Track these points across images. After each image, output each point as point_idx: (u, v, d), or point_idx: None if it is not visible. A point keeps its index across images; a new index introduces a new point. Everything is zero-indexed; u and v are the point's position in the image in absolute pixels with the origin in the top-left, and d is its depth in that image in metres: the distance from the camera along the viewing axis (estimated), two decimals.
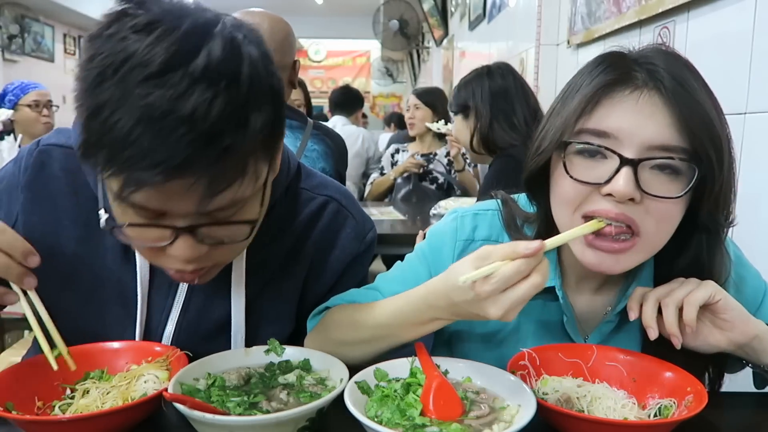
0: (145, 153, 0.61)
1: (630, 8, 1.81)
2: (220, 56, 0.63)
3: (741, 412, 0.83)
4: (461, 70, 5.05)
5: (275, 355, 0.83)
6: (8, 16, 8.08)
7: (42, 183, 0.88)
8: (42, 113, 3.25)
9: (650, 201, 0.74)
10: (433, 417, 0.69)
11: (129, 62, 0.61)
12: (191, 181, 0.63)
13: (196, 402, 0.66)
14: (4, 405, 0.68)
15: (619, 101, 0.75)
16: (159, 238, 0.71)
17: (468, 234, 0.93)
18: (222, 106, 0.62)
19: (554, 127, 0.80)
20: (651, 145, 0.73)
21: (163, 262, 0.75)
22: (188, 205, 0.67)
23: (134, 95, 0.60)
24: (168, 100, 0.61)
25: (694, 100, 0.73)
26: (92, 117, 0.62)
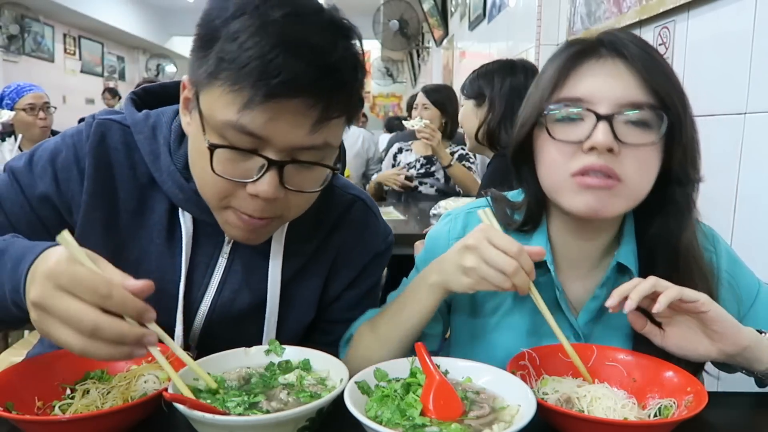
0: (280, 70, 0.70)
1: (630, 8, 1.81)
2: (339, 17, 0.79)
3: (741, 412, 0.83)
4: (461, 70, 5.06)
5: (275, 355, 0.83)
6: (8, 16, 8.08)
7: (103, 151, 0.90)
8: (38, 116, 3.25)
9: (628, 150, 0.81)
10: (433, 417, 0.69)
11: (270, 2, 0.73)
12: (311, 102, 0.73)
13: (195, 402, 0.66)
14: (4, 405, 0.68)
15: (587, 69, 0.84)
16: (247, 172, 0.77)
17: (459, 232, 0.99)
18: (342, 49, 0.76)
19: (533, 102, 0.89)
20: (621, 103, 0.81)
21: (238, 203, 0.80)
22: (297, 132, 0.74)
23: (273, 25, 0.71)
24: (303, 32, 0.73)
25: (655, 61, 0.83)
26: (230, 41, 0.71)
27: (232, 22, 0.72)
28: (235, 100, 0.72)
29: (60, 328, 0.61)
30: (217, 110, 0.74)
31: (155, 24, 11.93)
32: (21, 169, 0.89)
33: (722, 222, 1.36)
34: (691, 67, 1.51)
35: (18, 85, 3.35)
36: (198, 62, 0.77)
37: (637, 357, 0.83)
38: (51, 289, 0.61)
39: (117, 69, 11.98)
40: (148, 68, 12.28)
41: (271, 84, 0.70)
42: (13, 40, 8.21)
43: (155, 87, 1.00)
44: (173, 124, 0.92)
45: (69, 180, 0.89)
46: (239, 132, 0.73)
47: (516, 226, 0.95)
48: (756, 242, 1.28)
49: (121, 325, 0.62)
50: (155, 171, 0.90)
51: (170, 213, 0.92)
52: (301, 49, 0.71)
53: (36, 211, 0.88)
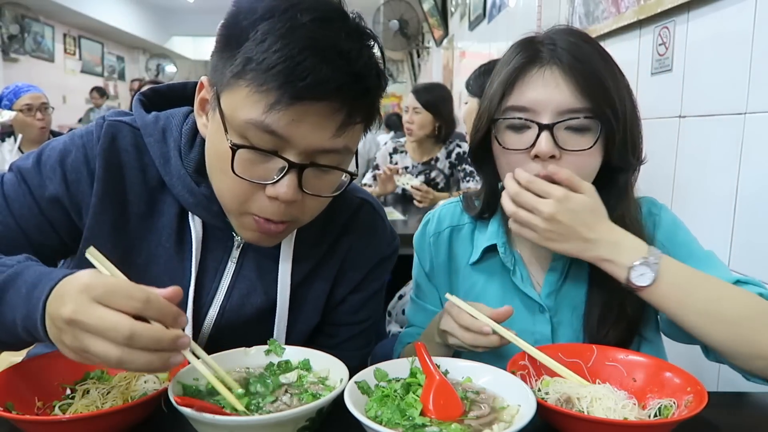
0: (308, 73, 0.71)
1: (629, 8, 1.81)
2: (363, 25, 0.80)
3: (741, 412, 0.83)
4: (461, 70, 5.06)
5: (275, 355, 0.83)
6: (8, 16, 8.08)
7: (114, 153, 0.89)
8: (36, 117, 3.25)
9: (568, 156, 0.90)
10: (433, 417, 0.69)
11: (297, 6, 0.74)
12: (336, 106, 0.74)
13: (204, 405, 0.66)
14: (4, 405, 0.68)
15: (530, 79, 0.92)
16: (267, 173, 0.77)
17: (435, 228, 1.12)
18: (367, 57, 0.78)
19: (485, 108, 0.98)
20: (561, 111, 0.89)
21: (257, 207, 0.80)
22: (320, 134, 0.75)
23: (301, 29, 0.72)
24: (331, 38, 0.74)
25: (588, 69, 0.90)
26: (258, 42, 0.72)
27: (260, 24, 0.73)
28: (260, 101, 0.73)
29: (96, 342, 0.60)
30: (240, 110, 0.75)
31: (155, 24, 11.93)
32: (29, 169, 0.88)
33: (722, 222, 1.36)
34: (691, 67, 1.51)
35: (16, 85, 3.36)
36: (221, 63, 0.77)
37: (638, 357, 0.83)
38: (86, 301, 0.61)
39: (117, 69, 11.99)
40: (148, 68, 12.29)
41: (298, 86, 0.71)
42: (13, 40, 8.22)
43: (162, 88, 1.00)
44: (184, 126, 0.92)
45: (79, 181, 0.88)
46: (263, 131, 0.74)
47: (476, 213, 1.08)
48: (756, 242, 1.28)
49: (156, 329, 0.61)
50: (165, 174, 0.89)
51: (180, 217, 0.91)
52: (328, 53, 0.72)
53: (45, 213, 0.87)
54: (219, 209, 0.90)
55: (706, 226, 1.41)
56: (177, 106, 0.96)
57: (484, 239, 1.05)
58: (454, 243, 1.10)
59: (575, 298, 1.01)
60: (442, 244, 1.10)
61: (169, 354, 0.63)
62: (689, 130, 1.51)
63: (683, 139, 1.53)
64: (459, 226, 1.11)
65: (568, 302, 1.01)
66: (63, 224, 0.88)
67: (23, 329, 0.68)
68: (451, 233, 1.11)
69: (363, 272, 1.03)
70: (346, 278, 1.02)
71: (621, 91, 0.92)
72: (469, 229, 1.10)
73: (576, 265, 1.01)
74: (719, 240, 1.36)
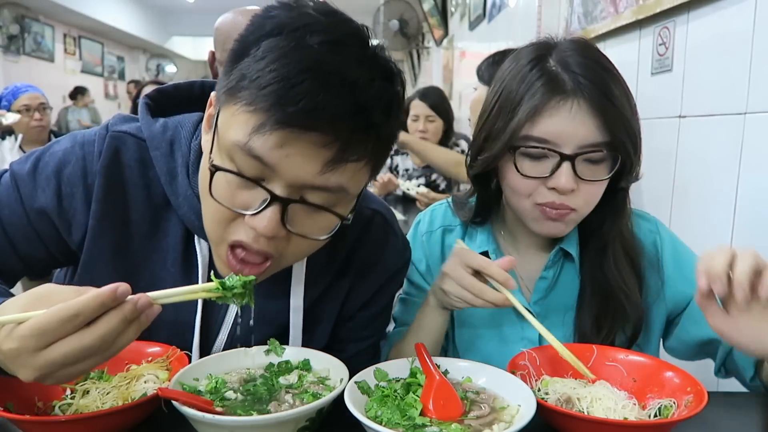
0: (301, 97, 0.64)
1: (627, 8, 1.81)
2: (384, 56, 0.73)
3: (741, 412, 0.83)
4: (461, 70, 5.05)
5: (275, 355, 0.83)
6: (8, 16, 8.09)
7: (116, 171, 0.84)
8: (34, 117, 3.26)
9: (583, 184, 0.91)
10: (433, 417, 0.69)
11: (309, 26, 0.68)
12: (330, 138, 0.67)
13: (190, 396, 0.66)
14: (4, 405, 0.68)
15: (555, 111, 0.89)
16: (249, 202, 0.71)
17: (427, 227, 1.13)
18: (378, 89, 0.70)
19: (503, 133, 0.93)
20: (583, 144, 0.89)
21: (233, 234, 0.73)
22: (308, 168, 0.68)
23: (307, 50, 0.66)
24: (338, 63, 0.67)
25: (613, 104, 0.89)
26: (257, 59, 0.67)
27: (264, 41, 0.68)
28: (248, 121, 0.67)
29: (74, 368, 0.60)
30: (229, 129, 0.70)
31: (155, 24, 11.93)
32: (24, 176, 0.84)
33: (722, 222, 1.36)
34: (691, 67, 1.51)
35: (15, 86, 3.37)
36: (225, 78, 0.73)
37: (638, 357, 0.83)
38: (32, 359, 0.59)
39: (117, 69, 11.98)
40: (148, 68, 12.30)
41: (287, 110, 0.64)
42: (13, 40, 8.22)
43: (169, 88, 0.95)
44: (193, 141, 0.86)
45: (73, 196, 0.83)
46: (248, 156, 0.68)
47: (468, 218, 1.09)
48: (756, 242, 1.28)
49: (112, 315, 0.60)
50: (171, 194, 0.84)
51: (185, 239, 0.87)
52: (331, 79, 0.66)
53: (33, 224, 0.83)
54: None
55: (706, 226, 1.41)
56: (185, 107, 0.92)
57: (475, 246, 1.06)
58: (446, 243, 1.11)
59: (565, 304, 1.02)
60: (435, 244, 1.11)
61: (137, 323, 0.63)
62: (689, 130, 1.51)
63: (683, 139, 1.53)
64: (450, 227, 1.12)
65: (558, 308, 1.02)
66: (50, 237, 0.85)
67: None
68: (443, 233, 1.11)
69: (373, 290, 0.99)
70: (356, 295, 0.98)
71: (637, 124, 0.93)
72: (459, 231, 1.11)
73: (566, 272, 1.03)
74: (719, 240, 1.36)
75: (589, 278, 1.00)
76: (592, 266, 1.00)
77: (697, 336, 0.98)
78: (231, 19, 1.87)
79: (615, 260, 0.98)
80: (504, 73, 0.97)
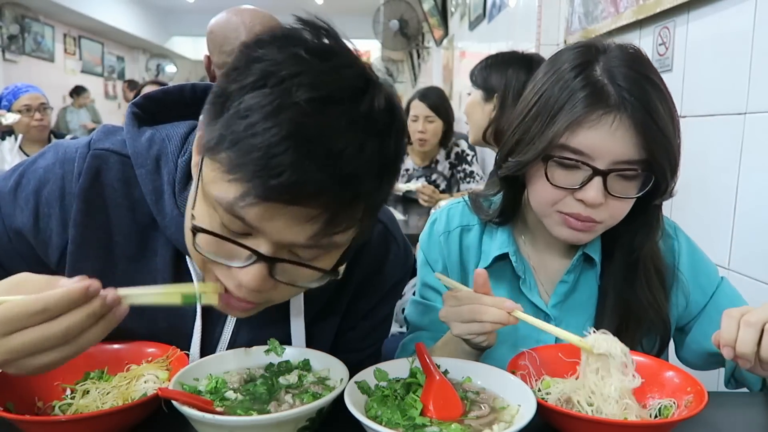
0: (284, 169, 0.59)
1: (627, 8, 1.81)
2: (383, 108, 0.65)
3: (741, 412, 0.83)
4: (461, 70, 5.05)
5: (275, 355, 0.83)
6: (8, 16, 8.08)
7: (97, 192, 0.81)
8: (34, 117, 3.26)
9: (611, 200, 0.88)
10: (433, 417, 0.69)
11: (297, 78, 0.61)
12: (316, 212, 0.62)
13: (189, 396, 0.66)
14: (4, 405, 0.68)
15: (595, 124, 0.85)
16: (233, 256, 0.68)
17: (444, 227, 1.09)
18: (369, 154, 0.63)
19: (538, 140, 0.89)
20: (617, 161, 0.86)
21: (221, 277, 0.71)
22: (293, 236, 0.64)
23: (291, 110, 0.59)
24: (323, 128, 0.60)
25: (655, 124, 0.85)
26: (239, 117, 0.61)
27: (247, 94, 0.61)
28: (229, 188, 0.62)
29: (37, 359, 0.60)
30: (212, 185, 0.65)
31: (155, 24, 11.93)
32: (6, 194, 0.82)
33: (722, 222, 1.36)
34: (691, 67, 1.51)
35: (15, 86, 3.36)
36: (207, 121, 0.67)
37: (638, 357, 0.83)
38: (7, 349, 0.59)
39: (117, 69, 11.98)
40: (148, 68, 12.29)
41: (269, 184, 0.59)
42: (13, 40, 8.22)
43: (157, 93, 0.90)
44: (180, 157, 0.81)
45: (50, 216, 0.81)
46: (232, 216, 0.64)
47: (490, 218, 1.05)
48: (756, 242, 1.28)
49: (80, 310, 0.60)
50: (157, 214, 0.80)
51: (176, 258, 0.83)
52: (315, 148, 0.60)
53: (13, 243, 0.82)
54: None
55: (706, 226, 1.41)
56: (175, 112, 0.88)
57: (495, 246, 1.03)
58: (464, 243, 1.08)
59: (583, 310, 1.00)
60: (453, 244, 1.08)
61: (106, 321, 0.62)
62: (689, 130, 1.51)
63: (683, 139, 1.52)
64: (468, 226, 1.08)
65: (576, 313, 1.00)
66: (29, 257, 0.83)
67: None
68: (461, 233, 1.08)
69: (374, 301, 0.97)
70: (357, 307, 0.96)
71: (678, 146, 0.90)
72: (477, 230, 1.07)
73: (585, 277, 1.02)
74: (719, 240, 1.36)
75: (612, 290, 0.98)
76: (617, 279, 0.98)
77: (709, 348, 0.94)
78: (225, 19, 1.81)
79: (647, 278, 0.96)
80: (545, 75, 0.92)
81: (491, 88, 1.89)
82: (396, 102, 0.68)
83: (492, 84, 1.88)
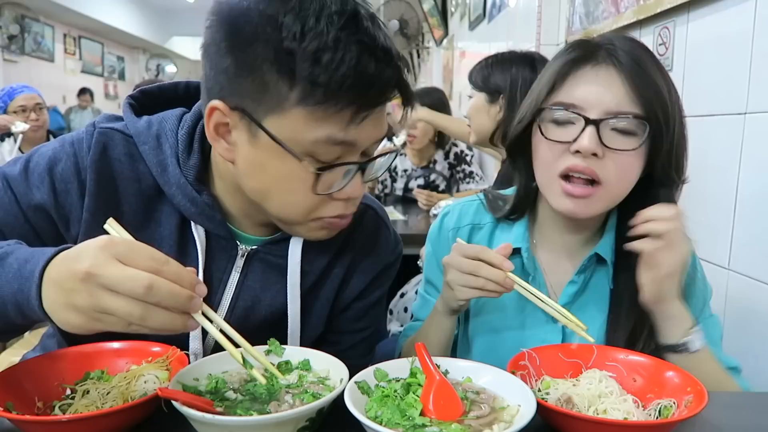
0: (374, 78, 0.73)
1: (628, 8, 1.81)
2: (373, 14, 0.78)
3: (741, 412, 0.83)
4: (461, 70, 5.05)
5: (275, 355, 0.83)
6: (8, 16, 8.09)
7: (105, 164, 0.86)
8: (30, 117, 3.26)
9: (611, 154, 0.88)
10: (433, 417, 0.69)
11: (323, 11, 0.72)
12: (396, 101, 0.79)
13: (190, 397, 0.66)
14: (4, 405, 0.68)
15: (582, 75, 0.90)
16: (336, 180, 0.79)
17: (455, 222, 1.11)
18: (392, 42, 0.78)
19: (531, 99, 0.95)
20: (610, 111, 0.88)
21: (328, 211, 0.82)
22: (379, 130, 0.79)
23: (345, 35, 0.72)
24: (369, 35, 0.74)
25: (645, 73, 0.88)
26: (314, 62, 0.71)
27: (303, 41, 0.71)
28: (336, 119, 0.74)
29: (113, 298, 0.60)
30: (307, 132, 0.74)
31: (155, 24, 11.94)
32: (16, 176, 0.85)
33: (722, 222, 1.36)
34: (691, 67, 1.51)
35: (11, 87, 3.36)
36: (252, 86, 0.74)
37: (638, 357, 0.83)
38: (106, 257, 0.61)
39: (117, 69, 12.00)
40: (148, 68, 12.30)
41: (368, 96, 0.74)
42: (13, 40, 8.23)
43: (153, 89, 0.96)
44: (179, 131, 0.88)
45: (68, 192, 0.85)
46: (333, 145, 0.76)
47: (504, 214, 1.06)
48: (756, 242, 1.28)
49: (173, 284, 0.62)
50: (164, 184, 0.86)
51: (181, 227, 0.89)
52: (378, 52, 0.74)
53: (30, 221, 0.84)
54: (222, 218, 0.88)
55: (706, 226, 1.41)
56: (169, 108, 0.93)
57: (509, 241, 1.02)
58: (473, 240, 1.09)
59: (593, 312, 0.99)
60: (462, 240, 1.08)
61: (184, 316, 0.64)
62: (689, 130, 1.50)
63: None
64: (480, 225, 1.10)
65: (585, 315, 0.98)
66: (48, 234, 0.86)
67: (14, 305, 0.67)
68: (471, 231, 1.10)
69: (366, 280, 1.01)
70: (350, 286, 1.00)
71: (674, 104, 0.91)
72: (488, 229, 1.09)
73: (597, 278, 1.01)
74: (719, 240, 1.36)
75: (626, 288, 0.96)
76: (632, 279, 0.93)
77: None
78: None
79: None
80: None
81: (495, 90, 1.85)
82: None
83: (495, 85, 1.85)
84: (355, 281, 1.00)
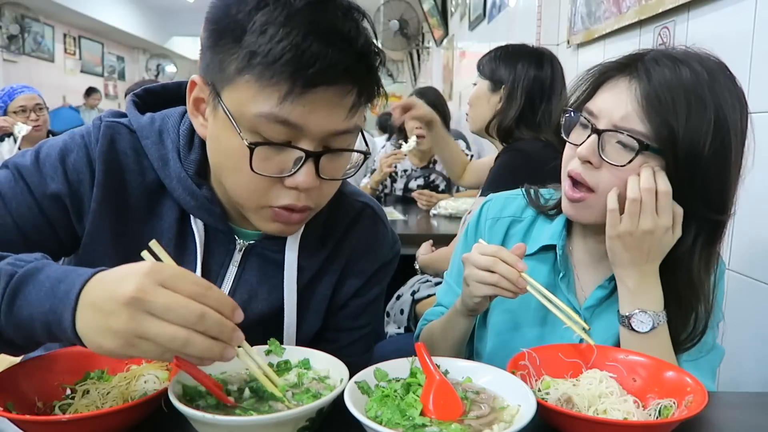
0: (316, 59, 0.71)
1: (630, 8, 1.81)
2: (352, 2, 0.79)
3: (741, 412, 0.83)
4: (461, 70, 5.05)
5: (275, 355, 0.83)
6: (8, 16, 8.09)
7: (114, 156, 0.88)
8: (29, 117, 3.26)
9: (606, 167, 0.90)
10: (433, 417, 0.69)
11: None
12: (348, 88, 0.75)
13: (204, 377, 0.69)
14: (4, 405, 0.68)
15: (609, 85, 0.92)
16: (283, 165, 0.78)
17: (495, 213, 1.12)
18: (365, 34, 0.77)
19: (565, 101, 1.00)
20: (615, 124, 0.89)
21: (276, 199, 0.80)
22: (333, 120, 0.76)
23: (300, 14, 0.72)
24: (330, 20, 0.74)
25: (667, 95, 0.85)
26: (260, 34, 0.72)
27: (256, 15, 0.72)
28: (272, 93, 0.72)
29: (157, 324, 0.60)
30: (250, 105, 0.74)
31: (155, 24, 11.94)
32: (28, 167, 0.85)
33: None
34: None
35: (11, 87, 3.36)
36: (216, 59, 0.76)
37: (638, 357, 0.83)
38: (152, 284, 0.60)
39: (117, 69, 11.99)
40: (148, 68, 12.29)
41: (308, 74, 0.71)
42: (13, 40, 8.22)
43: (156, 87, 0.98)
44: (181, 127, 0.90)
45: (81, 182, 0.86)
46: (275, 123, 0.74)
47: (545, 210, 1.07)
48: (756, 242, 1.28)
49: (220, 316, 0.62)
50: (165, 177, 0.88)
51: (180, 221, 0.90)
52: (331, 36, 0.73)
53: (44, 211, 0.85)
54: (221, 211, 0.90)
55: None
56: (171, 105, 0.94)
57: (545, 236, 1.04)
58: (510, 232, 1.10)
59: (614, 319, 0.97)
60: (499, 232, 1.10)
61: (224, 345, 0.63)
62: None
63: None
64: (520, 219, 1.10)
65: (606, 321, 0.99)
66: (62, 223, 0.86)
67: (42, 324, 0.65)
68: (510, 224, 1.10)
69: (364, 278, 1.02)
70: (347, 284, 1.01)
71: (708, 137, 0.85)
72: (527, 223, 1.09)
73: None
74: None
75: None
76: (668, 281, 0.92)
77: None
78: None
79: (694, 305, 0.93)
80: None
81: (499, 80, 1.87)
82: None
83: (500, 76, 1.87)
84: (352, 279, 1.01)
